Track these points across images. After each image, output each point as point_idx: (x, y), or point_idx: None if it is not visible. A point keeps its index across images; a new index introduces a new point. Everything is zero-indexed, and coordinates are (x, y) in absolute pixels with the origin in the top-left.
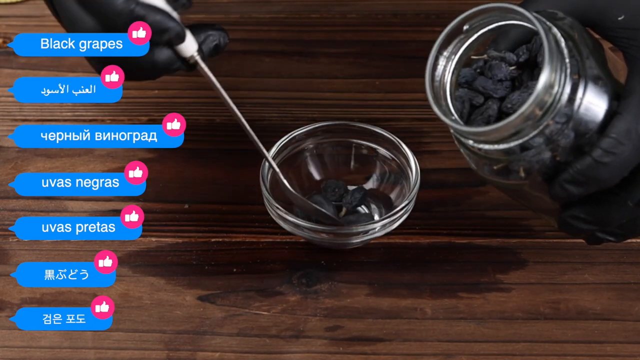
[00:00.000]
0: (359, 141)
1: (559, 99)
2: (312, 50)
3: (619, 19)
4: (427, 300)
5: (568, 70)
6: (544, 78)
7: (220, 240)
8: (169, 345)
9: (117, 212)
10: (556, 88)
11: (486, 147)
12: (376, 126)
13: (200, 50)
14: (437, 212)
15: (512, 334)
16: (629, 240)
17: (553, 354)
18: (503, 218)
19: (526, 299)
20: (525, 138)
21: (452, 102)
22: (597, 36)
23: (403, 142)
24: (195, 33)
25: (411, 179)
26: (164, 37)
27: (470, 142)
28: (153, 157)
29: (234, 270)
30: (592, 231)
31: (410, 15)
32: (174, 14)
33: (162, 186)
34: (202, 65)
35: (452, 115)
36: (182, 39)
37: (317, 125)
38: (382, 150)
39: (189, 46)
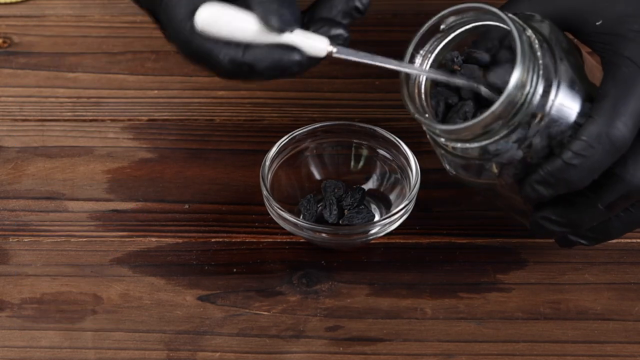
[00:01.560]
0: (359, 141)
1: (531, 99)
2: None
3: (597, 23)
4: (427, 300)
5: (541, 72)
6: (515, 77)
7: (220, 240)
8: (169, 345)
9: (117, 212)
10: (528, 88)
11: (458, 145)
12: (376, 126)
13: (335, 40)
14: (437, 212)
15: (512, 334)
16: (629, 240)
17: (553, 354)
18: (503, 218)
19: (526, 299)
20: (496, 137)
21: (427, 101)
22: (576, 41)
23: (403, 142)
24: (318, 25)
25: (411, 179)
26: (286, 74)
27: (443, 140)
28: (153, 157)
29: (234, 270)
30: (564, 233)
31: (410, 15)
32: (288, 35)
33: (162, 186)
34: (341, 56)
35: (426, 113)
36: (302, 65)
37: (317, 125)
38: (382, 150)
39: (318, 50)
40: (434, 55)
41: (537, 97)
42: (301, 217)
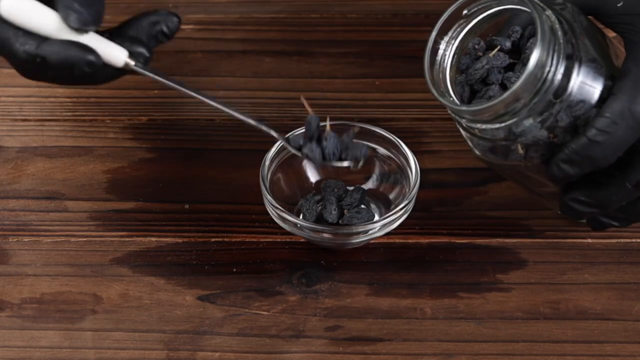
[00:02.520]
0: (359, 141)
1: (552, 78)
2: (312, 50)
3: (618, 5)
4: (427, 300)
5: (562, 51)
6: (535, 57)
7: (220, 240)
8: (168, 345)
9: (117, 212)
10: (548, 67)
11: (483, 126)
12: (376, 126)
13: (135, 55)
14: (437, 212)
15: (512, 334)
16: (628, 240)
17: (553, 353)
18: (503, 218)
19: (526, 299)
20: (520, 117)
21: (452, 85)
22: (600, 25)
23: (403, 142)
24: (123, 40)
25: (411, 179)
26: (76, 71)
27: (465, 121)
28: (153, 157)
29: (234, 270)
30: (594, 215)
31: (410, 15)
32: (88, 38)
33: (162, 186)
34: (139, 70)
35: (450, 96)
36: (94, 65)
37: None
38: (382, 150)
39: (116, 58)
40: (457, 41)
41: (559, 76)
42: (301, 217)
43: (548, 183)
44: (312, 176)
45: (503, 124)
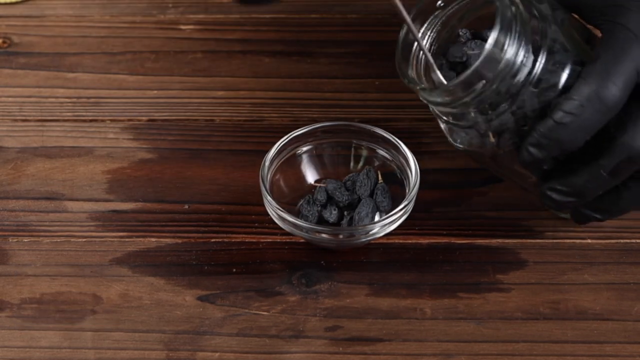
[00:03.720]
0: (359, 141)
1: (514, 60)
2: (312, 50)
3: None
4: (427, 300)
5: (525, 34)
6: (493, 36)
7: (220, 240)
8: (168, 345)
9: (116, 213)
10: (509, 49)
11: (452, 110)
12: (376, 126)
13: None
14: (436, 212)
15: (512, 334)
16: (628, 240)
17: (553, 354)
18: (503, 218)
19: (526, 299)
20: (484, 100)
21: (425, 72)
22: (584, 23)
23: (403, 142)
24: None
25: (411, 179)
26: None
27: (435, 108)
28: (153, 157)
29: (234, 270)
30: (573, 204)
31: None
32: None
33: (162, 186)
34: None
35: (422, 83)
36: None
37: (317, 125)
38: (382, 151)
39: None
40: (434, 33)
41: (520, 59)
42: (301, 217)
43: (523, 172)
44: (312, 176)
45: (467, 107)
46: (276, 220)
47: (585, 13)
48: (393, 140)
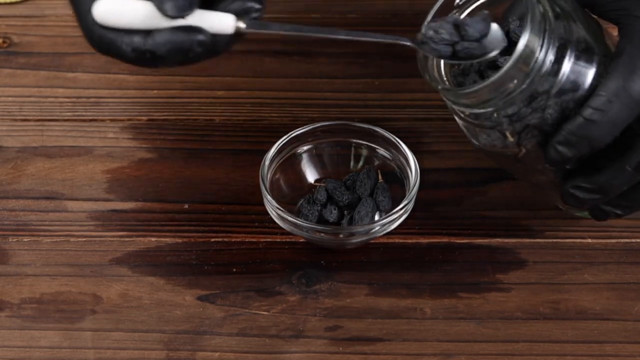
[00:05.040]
0: (359, 141)
1: (544, 61)
2: (312, 50)
3: None
4: (427, 300)
5: (553, 34)
6: (525, 38)
7: (220, 240)
8: (168, 345)
9: (116, 212)
10: (539, 50)
11: (475, 111)
12: (376, 126)
13: (248, 13)
14: (436, 212)
15: (512, 334)
16: (628, 240)
17: (553, 354)
18: (503, 218)
19: (526, 299)
20: (512, 100)
21: (447, 75)
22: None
23: (403, 142)
24: (228, 4)
25: (411, 179)
26: (190, 54)
27: (457, 107)
28: (153, 157)
29: (234, 270)
30: (596, 202)
31: (410, 15)
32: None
33: (162, 186)
34: (252, 30)
35: (444, 83)
36: (205, 43)
37: (316, 125)
38: (382, 150)
39: (225, 27)
40: None
41: (550, 58)
42: (301, 217)
43: (546, 171)
44: (312, 176)
45: (495, 108)
46: (276, 220)
47: (598, 7)
48: (393, 140)
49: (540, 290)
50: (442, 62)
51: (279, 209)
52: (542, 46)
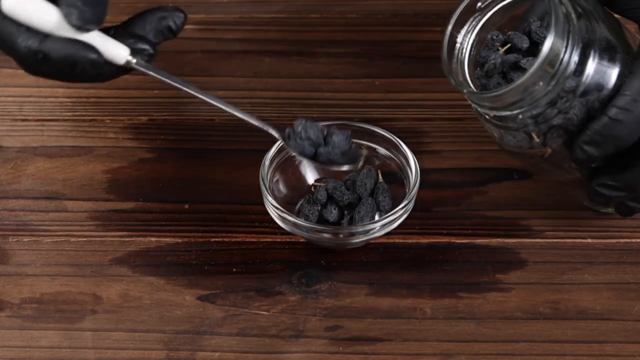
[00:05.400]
0: (359, 141)
1: (568, 62)
2: (312, 50)
3: None
4: (427, 300)
5: (577, 35)
6: (549, 41)
7: (220, 240)
8: (168, 345)
9: (116, 212)
10: (563, 51)
11: (501, 113)
12: (376, 126)
13: (138, 52)
14: (437, 212)
15: (512, 334)
16: (628, 240)
17: (553, 353)
18: (503, 218)
19: (526, 298)
20: (537, 102)
21: (470, 77)
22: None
23: (403, 142)
24: (127, 37)
25: (411, 179)
26: (78, 69)
27: (483, 110)
28: (153, 157)
29: (234, 270)
30: (622, 199)
31: (410, 15)
32: (90, 36)
33: (162, 186)
34: (140, 68)
35: (469, 86)
36: (95, 63)
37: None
38: (382, 150)
39: (117, 56)
40: (474, 34)
41: (575, 59)
42: (301, 217)
43: (572, 170)
44: (312, 176)
45: (520, 110)
46: (276, 220)
47: (617, 5)
48: (393, 140)
49: (540, 290)
50: (466, 65)
51: (279, 209)
52: (566, 47)
